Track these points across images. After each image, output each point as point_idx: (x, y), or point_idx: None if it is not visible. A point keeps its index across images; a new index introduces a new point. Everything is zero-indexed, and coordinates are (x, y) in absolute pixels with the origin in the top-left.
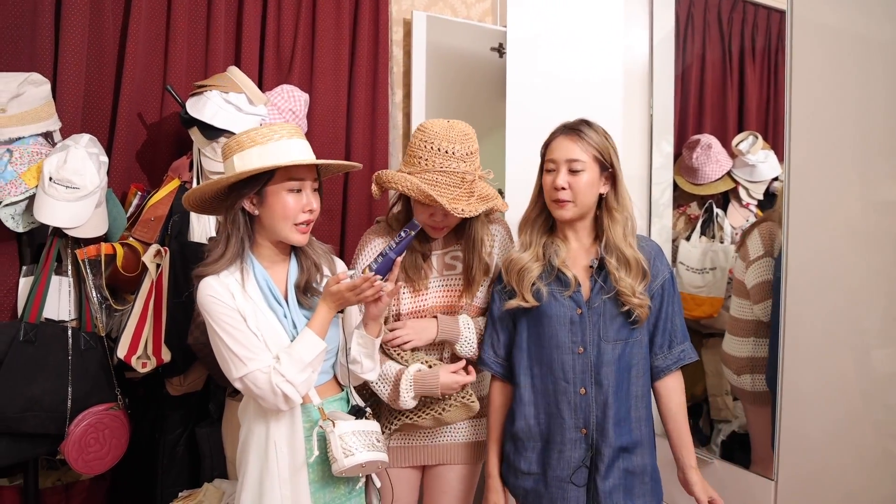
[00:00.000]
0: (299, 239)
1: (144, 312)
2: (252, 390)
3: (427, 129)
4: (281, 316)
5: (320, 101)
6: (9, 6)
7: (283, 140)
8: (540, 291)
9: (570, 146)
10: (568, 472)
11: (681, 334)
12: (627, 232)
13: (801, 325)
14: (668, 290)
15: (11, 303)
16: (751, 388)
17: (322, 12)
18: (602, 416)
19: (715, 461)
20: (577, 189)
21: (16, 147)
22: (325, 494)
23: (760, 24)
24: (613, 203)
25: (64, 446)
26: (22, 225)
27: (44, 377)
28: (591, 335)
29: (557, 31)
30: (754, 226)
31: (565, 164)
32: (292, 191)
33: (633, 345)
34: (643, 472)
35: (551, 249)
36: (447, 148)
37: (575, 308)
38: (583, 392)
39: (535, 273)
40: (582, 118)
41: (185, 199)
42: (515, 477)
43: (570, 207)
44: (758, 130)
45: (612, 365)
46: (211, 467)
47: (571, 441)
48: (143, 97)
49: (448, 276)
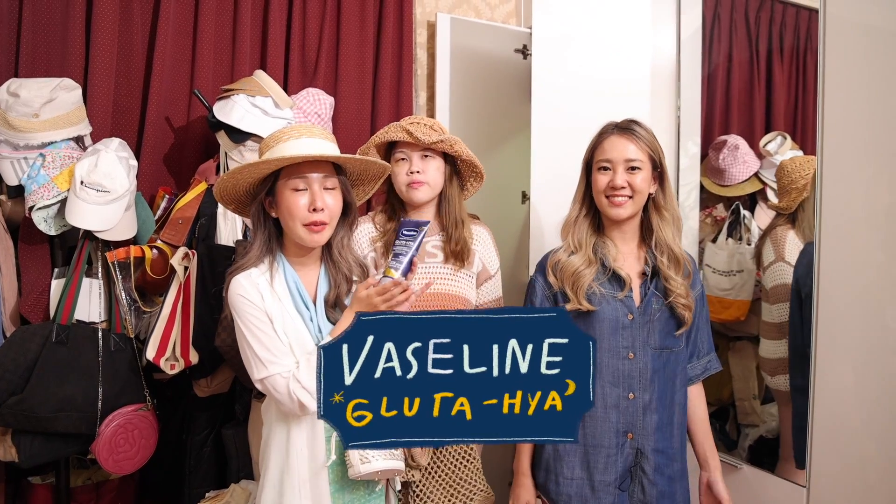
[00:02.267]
0: (310, 239)
1: (173, 314)
2: (271, 393)
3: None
4: (307, 319)
5: (345, 104)
6: (41, 13)
7: (292, 140)
8: (594, 294)
9: (626, 145)
10: (615, 476)
11: (707, 345)
12: (675, 230)
13: (834, 326)
14: (699, 301)
15: (44, 304)
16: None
17: (346, 16)
18: (648, 422)
19: (744, 467)
20: (635, 188)
21: (48, 151)
22: (344, 496)
23: (789, 22)
24: (662, 202)
25: (95, 446)
26: (54, 228)
27: (75, 378)
28: (641, 341)
29: (583, 31)
30: (766, 233)
31: (623, 164)
32: (297, 189)
33: (677, 354)
34: (681, 477)
35: (603, 250)
36: (418, 120)
37: (626, 313)
38: (631, 397)
39: (590, 277)
40: (630, 118)
41: (219, 196)
42: (557, 483)
43: (629, 205)
44: (786, 131)
45: (659, 372)
46: (237, 468)
47: (618, 445)
48: (171, 101)
49: (430, 264)
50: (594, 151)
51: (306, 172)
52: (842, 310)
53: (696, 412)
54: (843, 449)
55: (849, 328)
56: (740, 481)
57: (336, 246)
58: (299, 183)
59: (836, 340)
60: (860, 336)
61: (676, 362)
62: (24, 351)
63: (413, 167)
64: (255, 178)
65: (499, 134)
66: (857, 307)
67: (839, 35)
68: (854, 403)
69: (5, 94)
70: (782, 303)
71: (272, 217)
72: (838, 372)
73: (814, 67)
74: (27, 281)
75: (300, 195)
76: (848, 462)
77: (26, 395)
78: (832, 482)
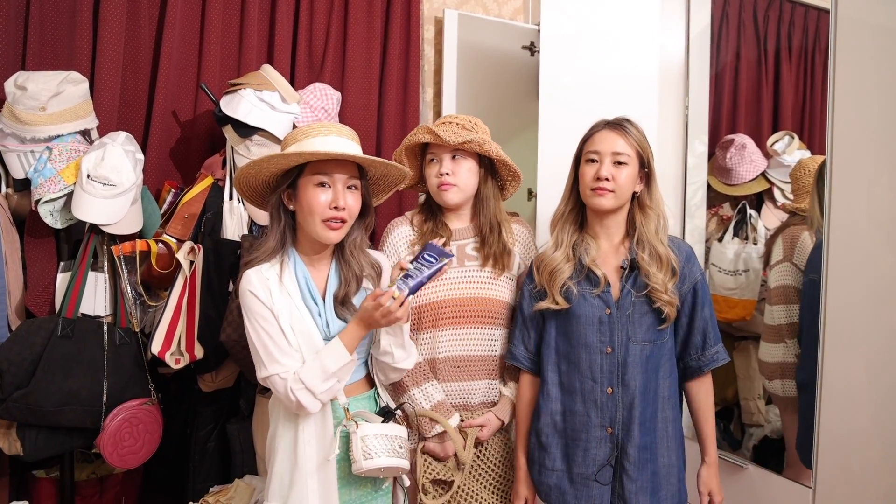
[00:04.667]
0: (327, 236)
1: (178, 309)
2: (273, 391)
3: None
4: (315, 314)
5: (351, 100)
6: (49, 6)
7: (319, 137)
8: (570, 291)
9: (615, 139)
10: (593, 469)
11: (714, 336)
12: (659, 229)
13: (842, 326)
14: (700, 291)
15: (49, 298)
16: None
17: (354, 11)
18: (628, 416)
19: (749, 467)
20: (619, 181)
21: (55, 145)
22: (350, 491)
23: (797, 22)
24: (647, 201)
25: (99, 440)
26: (60, 221)
27: (80, 371)
28: (620, 335)
29: (592, 28)
30: (779, 231)
31: (610, 156)
32: (320, 185)
33: (660, 346)
34: (669, 472)
35: (581, 248)
36: (449, 119)
37: (604, 308)
38: (609, 391)
39: (566, 274)
40: (623, 116)
41: (238, 184)
42: (539, 473)
43: (611, 197)
44: (793, 130)
45: (639, 366)
46: (241, 463)
47: (597, 439)
48: (178, 95)
49: (469, 268)
50: (584, 144)
51: (332, 170)
52: (850, 310)
53: (702, 406)
54: (850, 449)
55: (857, 328)
56: (746, 481)
57: (349, 245)
58: (323, 179)
59: (844, 340)
60: (868, 336)
61: (660, 356)
62: (30, 344)
63: (443, 168)
64: (279, 168)
65: (505, 131)
66: (865, 307)
67: (850, 35)
68: (862, 404)
69: (12, 88)
70: (782, 305)
71: (290, 210)
72: (846, 372)
73: (822, 67)
74: (33, 274)
75: (322, 191)
76: (855, 463)
77: (31, 389)
78: (839, 483)
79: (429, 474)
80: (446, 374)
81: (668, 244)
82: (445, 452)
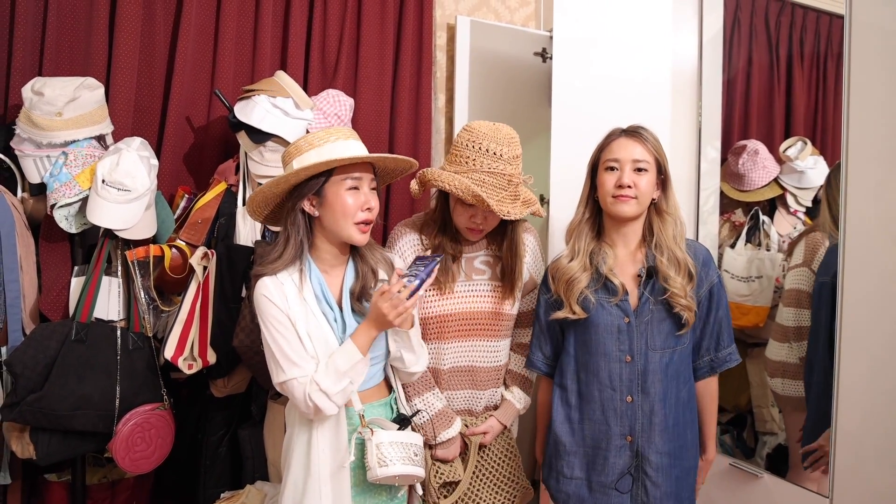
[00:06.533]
0: (360, 238)
1: (191, 314)
2: (290, 396)
3: (474, 129)
4: (331, 320)
5: (364, 106)
6: (66, 13)
7: (340, 141)
8: (588, 300)
9: (634, 146)
10: (612, 477)
11: (728, 337)
12: (677, 234)
13: (859, 331)
14: (717, 293)
15: (63, 302)
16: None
17: (367, 18)
18: (648, 424)
19: (765, 475)
20: (641, 188)
21: (71, 150)
22: (365, 499)
23: (809, 27)
24: (664, 206)
25: (111, 445)
26: (75, 226)
27: (94, 376)
28: (639, 344)
29: (604, 34)
30: (803, 234)
31: (630, 164)
32: (352, 188)
33: (680, 353)
34: (688, 474)
35: (599, 257)
36: (495, 149)
37: (622, 316)
38: (629, 400)
39: (584, 283)
40: (637, 124)
41: (250, 205)
42: (557, 481)
43: (634, 203)
44: (806, 136)
45: (659, 373)
46: (253, 469)
47: (616, 448)
48: (192, 101)
49: (477, 282)
50: (601, 152)
51: (360, 172)
52: (866, 314)
53: (710, 406)
54: (868, 457)
55: (873, 333)
56: (760, 490)
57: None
58: (356, 183)
59: (861, 346)
60: (886, 341)
61: (681, 361)
62: (44, 348)
63: (476, 219)
64: (307, 175)
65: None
66: (881, 311)
67: (865, 41)
68: (880, 411)
69: (29, 93)
70: (793, 308)
71: (314, 217)
72: (863, 378)
73: (834, 72)
74: (47, 278)
75: (354, 194)
76: (872, 470)
77: (45, 393)
78: (856, 492)
79: (438, 479)
80: (452, 384)
81: (685, 249)
82: (452, 455)
